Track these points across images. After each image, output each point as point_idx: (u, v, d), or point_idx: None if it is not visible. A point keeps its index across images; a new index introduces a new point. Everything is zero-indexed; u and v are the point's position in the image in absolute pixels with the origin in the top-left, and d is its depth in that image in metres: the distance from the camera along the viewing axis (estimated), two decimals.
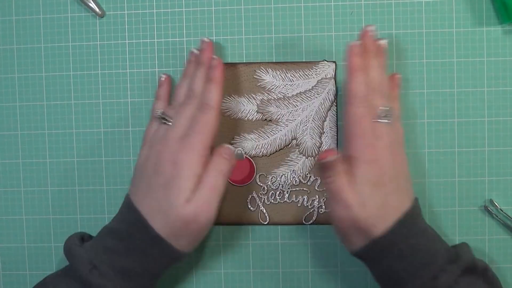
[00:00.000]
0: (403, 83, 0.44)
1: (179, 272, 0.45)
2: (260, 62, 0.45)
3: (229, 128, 0.45)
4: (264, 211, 0.45)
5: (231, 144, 0.45)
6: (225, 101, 0.45)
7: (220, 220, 0.45)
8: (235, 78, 0.45)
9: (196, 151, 0.37)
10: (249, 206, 0.45)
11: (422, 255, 0.35)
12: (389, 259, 0.35)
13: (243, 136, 0.45)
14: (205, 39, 0.42)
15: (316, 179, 0.45)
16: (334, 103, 0.44)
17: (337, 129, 0.44)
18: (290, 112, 0.45)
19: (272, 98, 0.45)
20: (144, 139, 0.42)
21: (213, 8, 0.45)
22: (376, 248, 0.35)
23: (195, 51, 0.43)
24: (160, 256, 0.37)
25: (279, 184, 0.45)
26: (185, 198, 0.36)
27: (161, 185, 0.37)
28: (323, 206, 0.45)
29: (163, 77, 0.44)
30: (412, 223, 0.36)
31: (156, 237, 0.36)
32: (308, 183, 0.45)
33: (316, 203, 0.45)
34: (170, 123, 0.39)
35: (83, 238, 0.40)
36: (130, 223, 0.37)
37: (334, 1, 0.44)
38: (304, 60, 0.45)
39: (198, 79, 0.41)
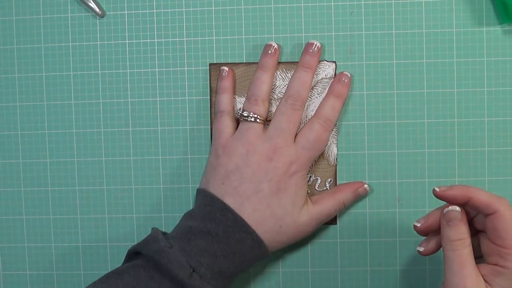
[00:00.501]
0: (403, 83, 0.44)
1: None
2: None
3: None
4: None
5: None
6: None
7: None
8: (235, 78, 0.45)
9: (310, 166, 0.39)
10: None
11: None
12: None
13: None
14: (314, 41, 0.42)
15: (316, 179, 0.45)
16: None
17: (337, 129, 0.44)
18: None
19: (272, 98, 0.45)
20: (220, 135, 0.40)
21: (213, 8, 0.45)
22: None
23: (274, 44, 0.42)
24: (257, 258, 0.38)
25: None
26: (301, 208, 0.38)
27: (276, 191, 0.37)
28: None
29: (226, 69, 0.43)
30: None
31: (259, 242, 0.36)
32: (308, 183, 0.45)
33: None
34: (259, 121, 0.39)
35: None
36: (227, 226, 0.36)
37: (334, 1, 0.44)
38: None
39: (307, 85, 0.40)
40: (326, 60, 0.44)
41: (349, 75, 0.41)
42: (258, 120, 0.39)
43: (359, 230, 0.45)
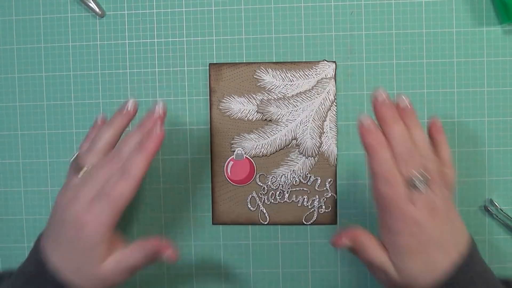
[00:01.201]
0: (403, 83, 0.44)
1: (179, 271, 0.45)
2: (260, 62, 0.45)
3: (229, 128, 0.45)
4: (264, 211, 0.45)
5: (231, 144, 0.45)
6: (225, 101, 0.45)
7: (220, 220, 0.45)
8: (235, 78, 0.45)
9: (105, 221, 0.34)
10: (249, 206, 0.45)
11: None
12: None
13: (243, 136, 0.45)
14: (160, 105, 0.37)
15: (316, 179, 0.45)
16: (334, 103, 0.44)
17: (337, 129, 0.44)
18: (290, 112, 0.45)
19: (272, 98, 0.45)
20: (67, 175, 0.39)
21: (213, 8, 0.45)
22: None
23: (130, 106, 0.38)
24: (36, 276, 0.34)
25: (279, 184, 0.45)
26: (99, 260, 0.35)
27: (69, 241, 0.35)
28: (323, 206, 0.45)
29: (99, 120, 0.41)
30: (463, 274, 0.34)
31: (61, 285, 0.34)
32: (308, 183, 0.45)
33: (316, 203, 0.45)
34: (82, 171, 0.36)
35: (2, 278, 0.38)
36: (32, 268, 0.35)
37: (334, 1, 0.44)
38: (304, 60, 0.45)
39: (132, 142, 0.36)
40: (326, 60, 0.44)
41: (158, 129, 0.36)
42: (81, 171, 0.37)
43: None
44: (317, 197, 0.45)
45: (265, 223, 0.45)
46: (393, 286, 0.35)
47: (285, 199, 0.45)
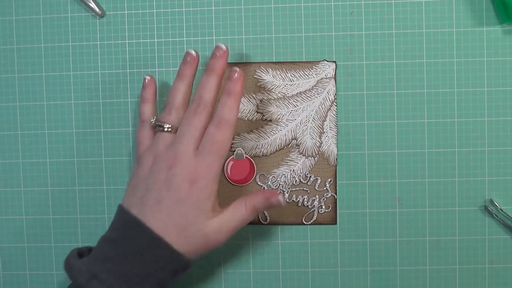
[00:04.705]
0: (403, 83, 0.44)
1: None
2: (260, 62, 0.45)
3: None
4: (264, 211, 0.45)
5: (231, 144, 0.45)
6: None
7: None
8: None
9: (214, 173, 0.36)
10: None
11: None
12: None
13: (243, 136, 0.45)
14: (222, 46, 0.39)
15: (316, 179, 0.45)
16: (334, 103, 0.44)
17: (337, 129, 0.44)
18: (290, 112, 0.45)
19: (272, 98, 0.45)
20: (139, 146, 0.40)
21: (213, 8, 0.45)
22: None
23: (193, 53, 0.40)
24: (161, 260, 0.35)
25: (279, 184, 0.45)
26: (206, 217, 0.36)
27: (176, 200, 0.35)
28: (323, 206, 0.45)
29: (148, 78, 0.42)
30: None
31: (157, 239, 0.35)
32: (308, 183, 0.45)
33: (316, 203, 0.45)
34: (169, 130, 0.38)
35: (83, 253, 0.38)
36: (125, 228, 0.36)
37: (334, 1, 0.44)
38: (304, 60, 0.45)
39: (210, 87, 0.37)
40: (326, 60, 0.44)
41: (238, 70, 0.38)
42: (167, 129, 0.38)
43: (359, 230, 0.45)
44: (317, 197, 0.45)
45: (265, 223, 0.45)
46: None
47: (285, 199, 0.45)
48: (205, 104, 0.37)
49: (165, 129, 0.38)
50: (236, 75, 0.37)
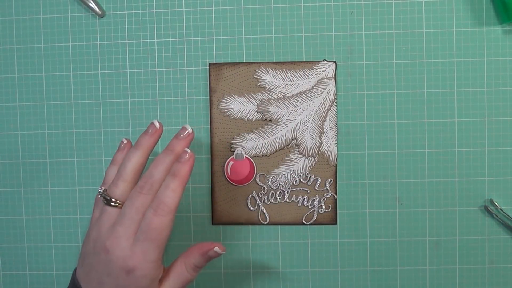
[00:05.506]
0: (403, 83, 0.44)
1: None
2: (260, 62, 0.45)
3: (229, 128, 0.45)
4: (264, 211, 0.45)
5: (231, 144, 0.45)
6: (224, 100, 0.45)
7: (220, 220, 0.45)
8: (235, 78, 0.45)
9: (151, 261, 0.33)
10: (249, 206, 0.45)
11: None
12: None
13: (243, 136, 0.45)
14: (188, 128, 0.36)
15: (316, 179, 0.45)
16: (334, 103, 0.44)
17: (337, 129, 0.44)
18: (290, 112, 0.45)
19: (272, 98, 0.45)
20: (95, 209, 0.37)
21: (213, 8, 0.45)
22: None
23: (157, 124, 0.37)
24: None
25: (279, 184, 0.45)
26: None
27: (116, 286, 0.33)
28: (323, 206, 0.45)
29: (125, 142, 0.40)
30: None
31: None
32: (308, 183, 0.45)
33: (316, 203, 0.45)
34: (115, 205, 0.35)
35: None
36: None
37: (334, 1, 0.44)
38: (304, 60, 0.45)
39: (163, 167, 0.35)
40: (326, 60, 0.44)
41: (189, 151, 0.35)
42: (113, 204, 0.35)
43: (359, 230, 0.45)
44: (317, 197, 0.45)
45: (265, 223, 0.45)
46: None
47: (285, 199, 0.45)
48: (152, 184, 0.34)
49: (111, 204, 0.35)
50: (186, 156, 0.34)
